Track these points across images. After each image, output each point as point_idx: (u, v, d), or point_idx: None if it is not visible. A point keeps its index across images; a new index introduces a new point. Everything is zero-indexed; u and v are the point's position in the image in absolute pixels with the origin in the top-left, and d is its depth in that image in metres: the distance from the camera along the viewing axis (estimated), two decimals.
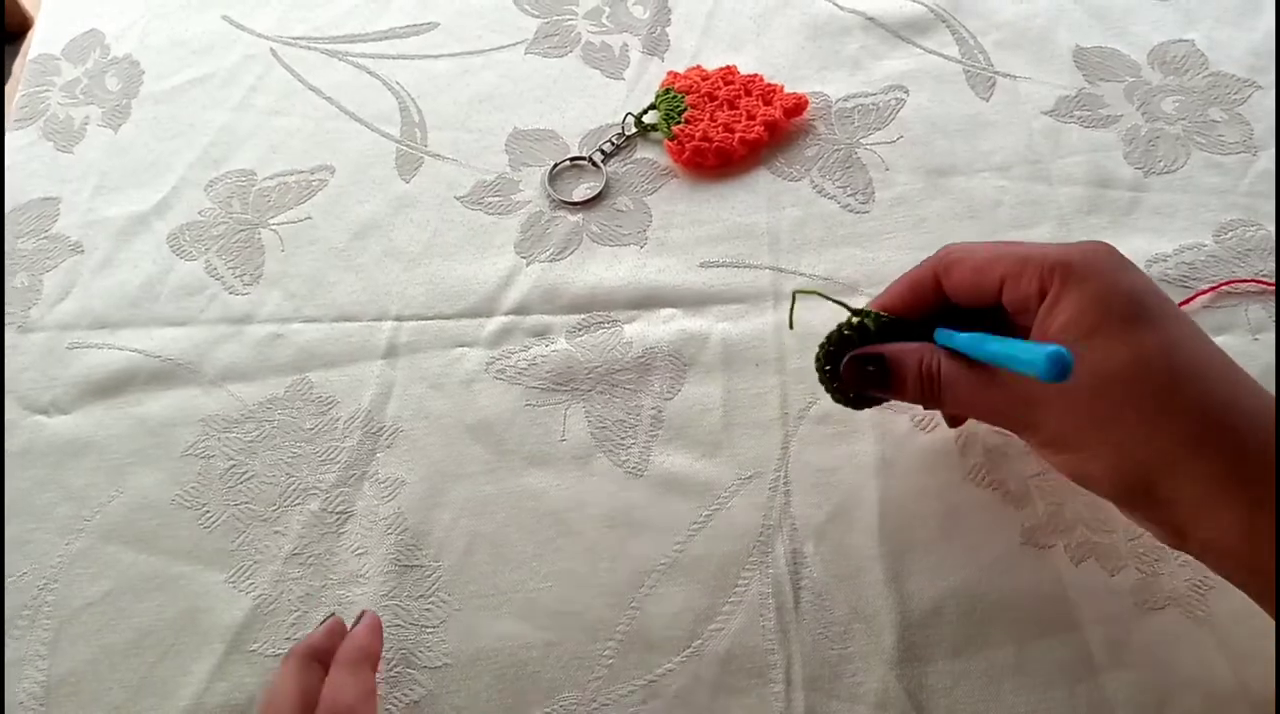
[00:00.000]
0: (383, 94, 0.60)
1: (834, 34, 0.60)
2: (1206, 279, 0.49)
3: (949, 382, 0.36)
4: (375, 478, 0.46)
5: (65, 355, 0.50)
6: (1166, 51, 0.58)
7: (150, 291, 0.52)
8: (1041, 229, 0.51)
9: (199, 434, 0.48)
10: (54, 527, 0.46)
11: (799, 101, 0.56)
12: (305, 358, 0.50)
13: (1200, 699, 0.38)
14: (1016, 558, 0.42)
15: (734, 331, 0.49)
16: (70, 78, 0.62)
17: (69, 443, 0.48)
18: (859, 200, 0.53)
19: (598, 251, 0.52)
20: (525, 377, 0.48)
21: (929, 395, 0.37)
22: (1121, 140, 0.54)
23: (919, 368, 0.37)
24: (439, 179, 0.56)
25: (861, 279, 0.50)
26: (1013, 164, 0.54)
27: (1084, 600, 0.41)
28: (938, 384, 0.37)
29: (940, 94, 0.57)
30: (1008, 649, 0.40)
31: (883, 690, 0.39)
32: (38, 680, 0.42)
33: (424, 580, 0.43)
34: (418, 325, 0.50)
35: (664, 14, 0.62)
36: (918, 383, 0.37)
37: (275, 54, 0.62)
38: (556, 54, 0.61)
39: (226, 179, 0.57)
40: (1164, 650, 0.39)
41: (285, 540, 0.45)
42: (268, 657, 0.42)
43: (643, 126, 0.57)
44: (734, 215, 0.53)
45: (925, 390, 0.37)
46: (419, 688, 0.41)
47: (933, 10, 0.60)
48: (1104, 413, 0.33)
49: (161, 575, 0.44)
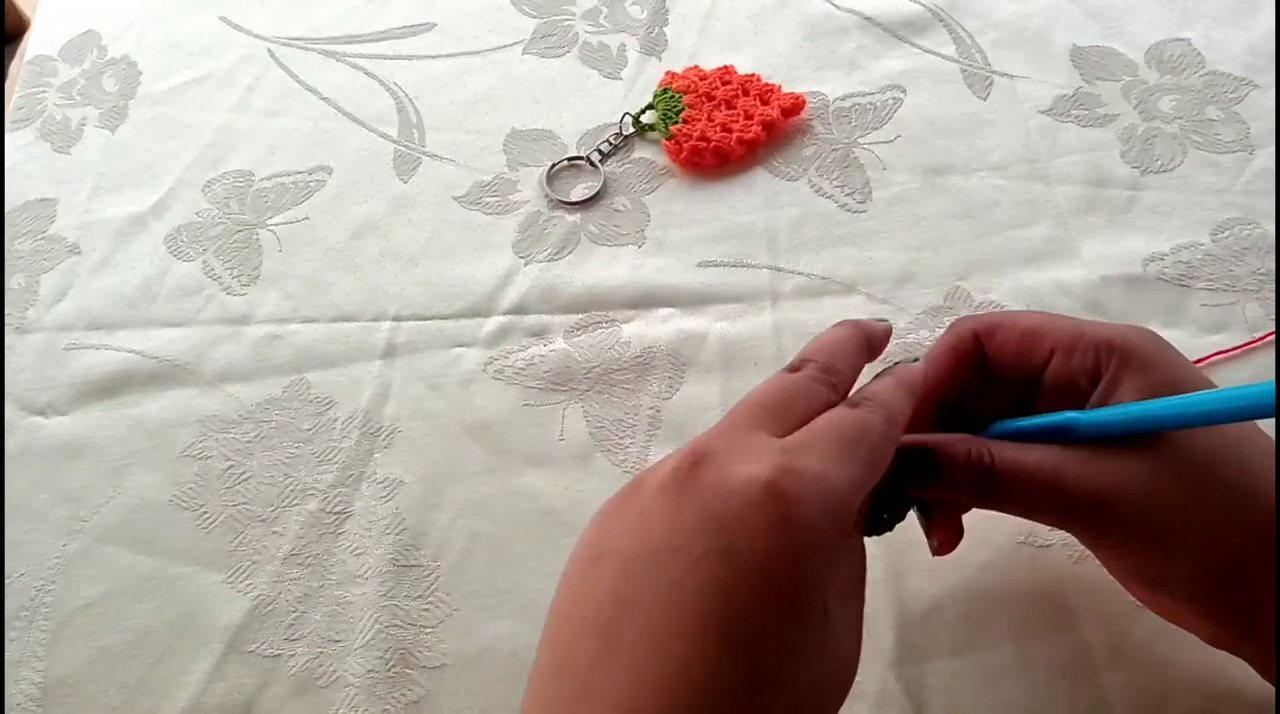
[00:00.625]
0: (380, 94, 0.60)
1: (831, 33, 0.60)
2: (1203, 278, 0.49)
3: (1008, 470, 0.32)
4: (373, 478, 0.46)
5: (62, 356, 0.50)
6: (1163, 50, 0.58)
7: (148, 292, 0.52)
8: (1039, 228, 0.51)
9: (197, 435, 0.48)
10: (51, 528, 0.45)
11: (796, 101, 0.56)
12: (303, 358, 0.50)
13: (1200, 699, 0.38)
14: (1015, 557, 0.42)
15: (732, 331, 0.49)
16: (67, 79, 0.62)
17: (66, 444, 0.48)
18: (856, 199, 0.53)
19: (596, 251, 0.52)
20: (523, 376, 0.48)
21: (979, 487, 0.32)
22: (1118, 139, 0.54)
23: (967, 456, 0.32)
24: (437, 179, 0.56)
25: (859, 278, 0.50)
26: (1010, 163, 0.54)
27: (1083, 599, 0.41)
28: (992, 473, 0.32)
29: (937, 93, 0.57)
30: (1006, 648, 0.40)
31: (881, 690, 0.39)
32: (35, 682, 0.42)
33: (422, 580, 0.43)
34: (416, 325, 0.50)
35: (661, 14, 0.62)
36: (967, 473, 0.32)
37: (272, 55, 0.62)
38: (554, 54, 0.61)
39: (224, 180, 0.57)
40: (1163, 650, 0.39)
41: (283, 541, 0.45)
42: (266, 657, 0.42)
43: (640, 126, 0.57)
44: (732, 215, 0.53)
45: (975, 481, 0.32)
46: (418, 688, 0.41)
47: (930, 10, 0.61)
48: (1191, 508, 0.30)
49: (159, 576, 0.44)
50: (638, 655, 0.25)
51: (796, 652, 0.26)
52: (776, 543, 0.26)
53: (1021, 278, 0.50)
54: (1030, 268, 0.50)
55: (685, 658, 0.25)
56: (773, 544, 0.26)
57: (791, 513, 0.26)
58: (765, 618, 0.25)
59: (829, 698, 0.28)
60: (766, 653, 0.25)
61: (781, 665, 0.25)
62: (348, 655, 0.42)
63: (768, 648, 0.25)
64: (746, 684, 0.25)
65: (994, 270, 0.50)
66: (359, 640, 0.42)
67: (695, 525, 0.26)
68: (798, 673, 0.26)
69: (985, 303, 0.49)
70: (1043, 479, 0.31)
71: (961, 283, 0.50)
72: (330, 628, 0.42)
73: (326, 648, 0.42)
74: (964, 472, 0.32)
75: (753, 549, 0.26)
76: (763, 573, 0.26)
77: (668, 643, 0.25)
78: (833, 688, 0.28)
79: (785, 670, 0.25)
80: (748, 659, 0.25)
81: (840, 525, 0.28)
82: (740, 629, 0.25)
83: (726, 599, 0.25)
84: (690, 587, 0.25)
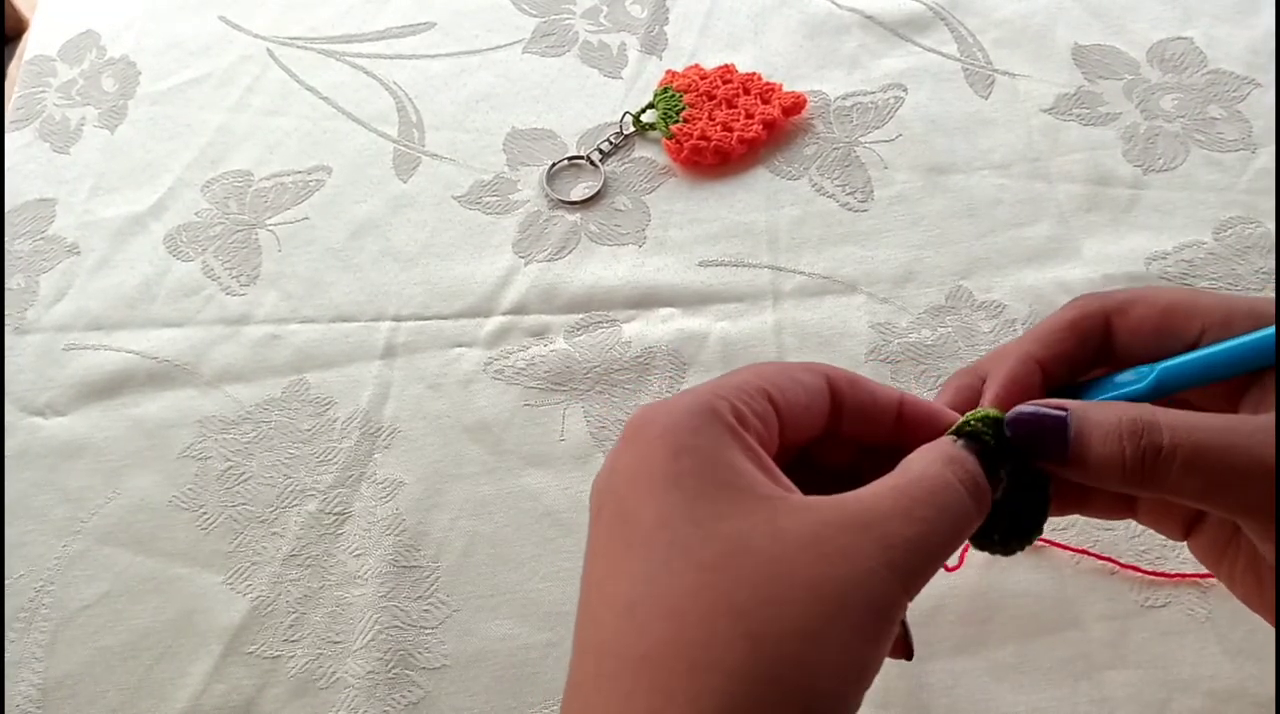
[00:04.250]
0: (380, 94, 0.59)
1: (832, 32, 0.60)
2: (1206, 277, 0.49)
3: (1182, 433, 0.25)
4: (373, 479, 0.46)
5: (62, 357, 0.50)
6: (1165, 49, 0.57)
7: (147, 293, 0.52)
8: (1041, 227, 0.51)
9: (196, 435, 0.47)
10: (51, 528, 0.45)
11: (797, 100, 0.56)
12: (302, 358, 0.50)
13: (1200, 699, 0.38)
14: (1015, 557, 0.42)
15: (733, 331, 0.49)
16: (66, 79, 0.62)
17: (65, 444, 0.48)
18: (858, 199, 0.53)
19: (596, 251, 0.52)
20: (524, 376, 0.48)
21: (1135, 461, 0.26)
22: (1120, 138, 0.54)
23: (1118, 424, 0.26)
24: (437, 179, 0.56)
25: (860, 278, 0.50)
26: (1012, 162, 0.54)
27: (1084, 599, 0.40)
28: (1160, 442, 0.25)
29: (939, 92, 0.57)
30: (1008, 648, 0.40)
31: (883, 689, 0.39)
32: (34, 683, 0.42)
33: (422, 581, 0.43)
34: (415, 325, 0.50)
35: (662, 13, 0.62)
36: (1119, 444, 0.26)
37: (272, 54, 0.62)
38: (554, 53, 0.61)
39: (223, 180, 0.56)
40: (1165, 649, 0.39)
41: (283, 542, 0.44)
42: (265, 658, 0.42)
43: (641, 125, 0.56)
44: (732, 214, 0.53)
45: (1131, 454, 0.26)
46: (418, 689, 0.41)
47: (931, 8, 0.60)
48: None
49: (159, 577, 0.44)
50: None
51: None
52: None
53: (1024, 277, 0.49)
54: (1032, 267, 0.50)
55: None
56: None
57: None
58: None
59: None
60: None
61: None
62: (347, 657, 0.41)
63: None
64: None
65: (996, 269, 0.50)
66: (359, 641, 0.42)
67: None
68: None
69: (987, 302, 0.49)
70: (1238, 454, 0.25)
71: (963, 282, 0.49)
72: (330, 629, 0.42)
73: (326, 649, 0.42)
74: (1116, 440, 0.26)
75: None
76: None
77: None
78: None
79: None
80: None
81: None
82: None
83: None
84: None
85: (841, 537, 0.24)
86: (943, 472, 0.26)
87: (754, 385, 0.27)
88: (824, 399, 0.29)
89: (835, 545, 0.23)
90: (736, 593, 0.23)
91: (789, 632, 0.22)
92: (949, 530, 0.25)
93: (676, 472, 0.25)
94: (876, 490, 0.25)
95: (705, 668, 0.22)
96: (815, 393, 0.28)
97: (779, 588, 0.23)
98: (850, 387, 0.29)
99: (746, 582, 0.23)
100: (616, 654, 0.24)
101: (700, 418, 0.26)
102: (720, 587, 0.23)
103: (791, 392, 0.28)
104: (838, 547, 0.23)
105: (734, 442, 0.26)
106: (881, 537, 0.24)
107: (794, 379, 0.28)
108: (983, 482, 0.26)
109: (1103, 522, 0.42)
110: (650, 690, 0.23)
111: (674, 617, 0.23)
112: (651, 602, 0.24)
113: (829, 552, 0.23)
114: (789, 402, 0.27)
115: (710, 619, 0.23)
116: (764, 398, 0.27)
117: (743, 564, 0.23)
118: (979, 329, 0.48)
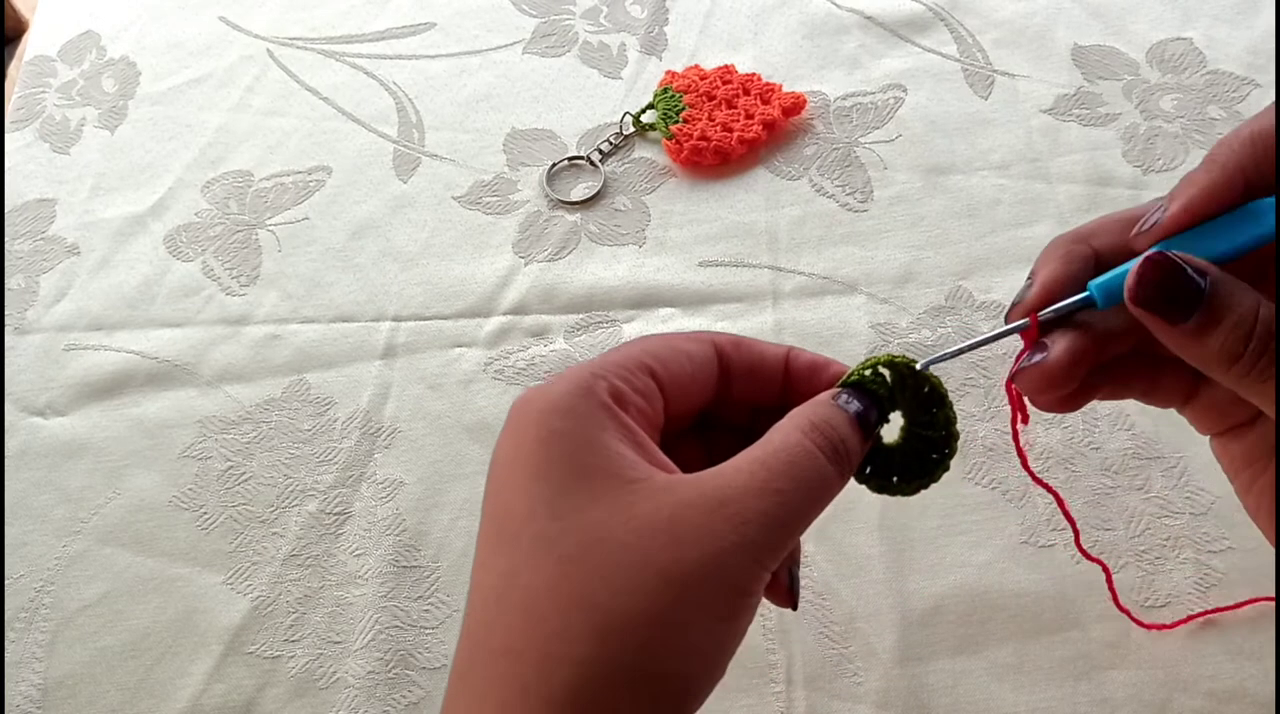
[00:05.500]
0: (380, 94, 0.59)
1: (832, 33, 0.60)
2: None
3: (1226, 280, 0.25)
4: (373, 479, 0.46)
5: (62, 357, 0.50)
6: (1165, 49, 0.57)
7: (147, 293, 0.52)
8: (1041, 227, 0.51)
9: (196, 435, 0.47)
10: (51, 529, 0.45)
11: (797, 100, 0.56)
12: (303, 359, 0.50)
13: (1200, 698, 0.38)
14: (1016, 556, 0.42)
15: (733, 331, 0.49)
16: (66, 79, 0.62)
17: (66, 445, 0.48)
18: (857, 199, 0.53)
19: (596, 251, 0.52)
20: (524, 377, 0.48)
21: (1255, 355, 0.25)
22: (1120, 138, 0.54)
23: (1255, 309, 0.25)
24: (436, 179, 0.56)
25: (860, 278, 0.50)
26: (1011, 162, 0.54)
27: (1084, 599, 0.40)
28: (1202, 286, 0.25)
29: (939, 92, 0.57)
30: (1008, 648, 0.40)
31: (884, 689, 0.39)
32: (34, 683, 0.42)
33: (423, 581, 0.43)
34: (415, 326, 0.50)
35: (661, 13, 0.62)
36: (1247, 329, 0.25)
37: (272, 55, 0.62)
38: (554, 54, 0.61)
39: (223, 180, 0.56)
40: (1164, 649, 0.39)
41: (283, 542, 0.44)
42: (265, 658, 0.42)
43: (641, 126, 0.57)
44: (732, 214, 0.53)
45: (1253, 340, 0.25)
46: (418, 689, 0.41)
47: (931, 9, 0.60)
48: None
49: (159, 577, 0.44)
50: None
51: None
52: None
53: (1023, 277, 0.49)
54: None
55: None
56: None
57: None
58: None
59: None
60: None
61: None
62: (347, 657, 0.41)
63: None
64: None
65: (996, 269, 0.50)
66: (359, 642, 0.42)
67: None
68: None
69: (987, 302, 0.49)
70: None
71: (963, 282, 0.50)
72: (330, 629, 0.42)
73: (326, 649, 0.42)
74: (1250, 320, 0.25)
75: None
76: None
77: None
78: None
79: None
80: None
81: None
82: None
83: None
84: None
85: (697, 517, 0.24)
86: (801, 441, 0.26)
87: (635, 360, 0.27)
88: (711, 366, 0.29)
89: (689, 527, 0.24)
90: (590, 584, 0.24)
91: (638, 619, 0.23)
92: (805, 500, 0.25)
93: (545, 460, 0.26)
94: (737, 464, 0.25)
95: (557, 660, 0.23)
96: (701, 361, 0.29)
97: (631, 576, 0.24)
98: (736, 349, 0.29)
99: (600, 572, 0.24)
100: (485, 645, 0.25)
101: (574, 398, 0.26)
102: (576, 578, 0.24)
103: (675, 363, 0.28)
104: (691, 528, 0.24)
105: (609, 421, 0.26)
106: (737, 514, 0.24)
107: (677, 349, 0.28)
108: (849, 444, 0.27)
109: (1104, 523, 0.42)
110: (508, 682, 0.24)
111: (532, 610, 0.24)
112: (514, 595, 0.24)
113: (682, 534, 0.24)
114: (672, 373, 0.28)
115: (564, 612, 0.23)
116: (645, 372, 0.27)
117: (598, 555, 0.24)
118: (979, 329, 0.48)
